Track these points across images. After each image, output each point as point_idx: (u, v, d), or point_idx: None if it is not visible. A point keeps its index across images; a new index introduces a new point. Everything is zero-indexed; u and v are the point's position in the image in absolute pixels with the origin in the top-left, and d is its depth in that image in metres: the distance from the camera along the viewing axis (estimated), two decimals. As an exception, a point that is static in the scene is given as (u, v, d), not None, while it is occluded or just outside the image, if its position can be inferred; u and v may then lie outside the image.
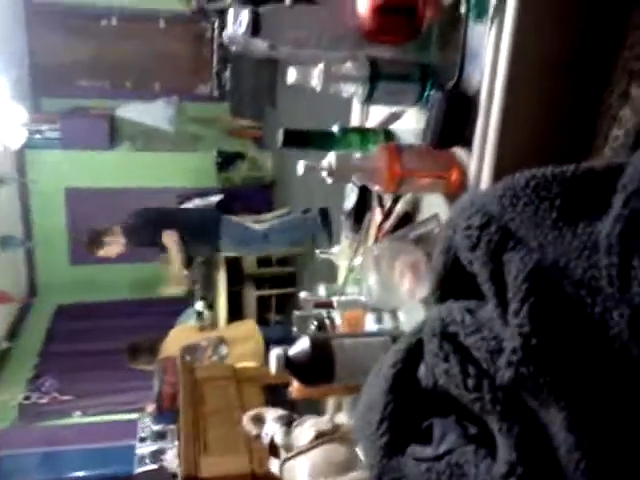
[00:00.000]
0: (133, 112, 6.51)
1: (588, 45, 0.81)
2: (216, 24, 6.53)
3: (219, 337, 3.76)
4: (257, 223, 4.55)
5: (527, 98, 0.84)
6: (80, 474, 3.64)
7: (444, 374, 0.55)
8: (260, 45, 1.12)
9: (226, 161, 6.36)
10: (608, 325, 0.46)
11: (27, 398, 4.58)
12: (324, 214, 4.15)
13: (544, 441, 0.48)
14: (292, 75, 1.01)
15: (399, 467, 0.57)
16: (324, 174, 0.91)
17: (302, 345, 0.95)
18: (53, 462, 3.76)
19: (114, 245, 4.03)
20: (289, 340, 1.02)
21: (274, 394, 3.25)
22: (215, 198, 5.89)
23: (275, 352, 0.95)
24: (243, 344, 3.71)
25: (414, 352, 0.63)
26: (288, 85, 1.05)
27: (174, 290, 4.63)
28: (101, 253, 4.07)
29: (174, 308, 5.58)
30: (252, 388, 3.13)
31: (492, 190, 0.57)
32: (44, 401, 4.54)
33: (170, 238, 4.00)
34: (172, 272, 4.26)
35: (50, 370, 5.09)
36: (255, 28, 0.98)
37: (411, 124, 1.12)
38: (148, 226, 4.02)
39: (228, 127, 7.08)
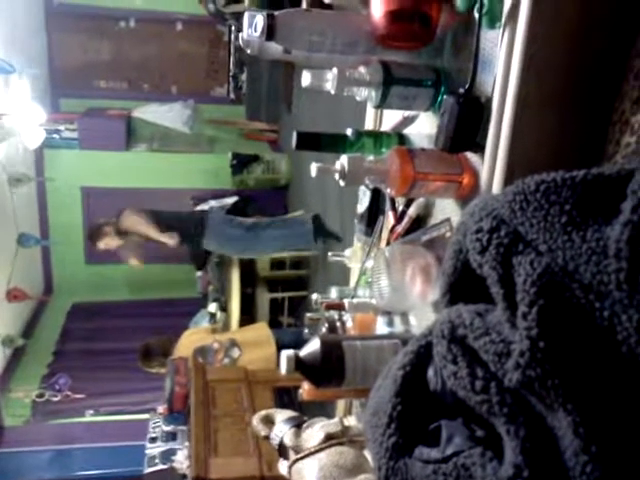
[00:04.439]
0: (150, 113, 6.59)
1: (600, 52, 0.81)
2: (233, 27, 6.57)
3: (231, 339, 3.77)
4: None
5: (539, 104, 0.84)
6: (91, 473, 3.66)
7: (452, 376, 0.55)
8: (275, 49, 1.14)
9: (241, 163, 6.40)
10: (616, 329, 0.46)
11: (41, 396, 4.62)
12: (316, 221, 4.16)
13: (551, 444, 0.48)
14: (306, 78, 1.02)
15: (406, 469, 0.58)
16: (337, 176, 0.92)
17: (313, 346, 0.95)
18: (64, 460, 3.78)
19: (113, 237, 4.05)
20: (301, 344, 1.03)
21: (285, 397, 3.26)
22: (230, 200, 5.92)
23: (286, 353, 0.95)
24: (256, 349, 3.71)
25: (423, 355, 0.63)
26: (304, 89, 1.06)
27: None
28: (101, 246, 4.10)
29: (188, 309, 5.62)
30: (263, 391, 3.14)
31: (502, 194, 0.57)
32: (57, 399, 4.57)
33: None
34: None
35: (64, 368, 5.13)
36: (270, 32, 0.98)
37: (424, 128, 1.13)
38: None
39: (244, 130, 7.12)
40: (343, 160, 0.92)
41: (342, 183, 0.92)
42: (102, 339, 5.81)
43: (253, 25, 1.01)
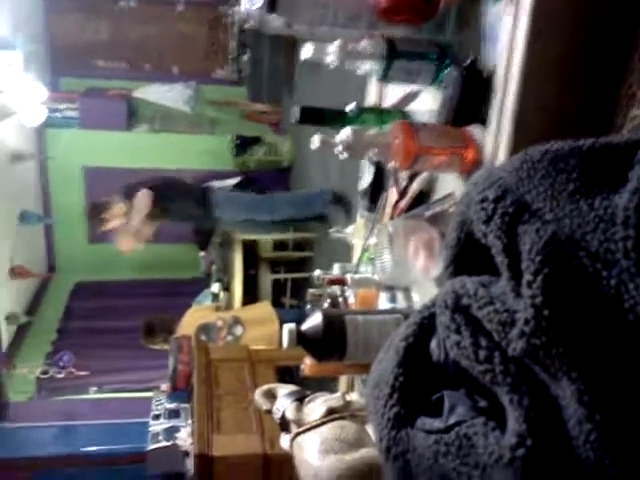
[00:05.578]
0: (151, 94, 6.55)
1: (607, 25, 0.79)
2: (235, 8, 6.50)
3: (235, 317, 3.78)
4: None
5: (544, 78, 0.83)
6: (95, 449, 3.69)
7: (455, 346, 0.55)
8: (276, 22, 1.12)
9: (243, 145, 6.37)
10: (622, 298, 0.45)
11: (45, 372, 4.65)
12: (338, 198, 4.12)
13: (554, 413, 0.48)
14: (308, 51, 1.00)
15: (408, 439, 0.57)
16: (339, 149, 0.91)
17: (315, 320, 0.95)
18: (68, 436, 3.82)
19: (113, 220, 3.94)
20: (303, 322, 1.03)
21: (287, 376, 3.27)
22: (232, 181, 5.90)
23: (288, 327, 0.95)
24: (259, 327, 3.72)
25: (426, 326, 0.63)
26: (306, 72, 1.06)
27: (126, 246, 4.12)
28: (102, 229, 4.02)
29: (191, 289, 5.63)
30: (265, 369, 3.15)
31: (508, 163, 0.57)
32: (61, 376, 4.61)
33: (144, 196, 3.86)
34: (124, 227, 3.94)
35: (68, 346, 5.16)
36: (272, 4, 0.97)
37: (427, 105, 1.11)
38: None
39: (245, 111, 7.08)
40: (346, 132, 0.91)
41: (344, 155, 0.91)
42: (106, 318, 5.83)
43: (255, -4, 1.00)
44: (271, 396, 1.14)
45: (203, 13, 7.09)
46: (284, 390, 1.14)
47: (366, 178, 1.29)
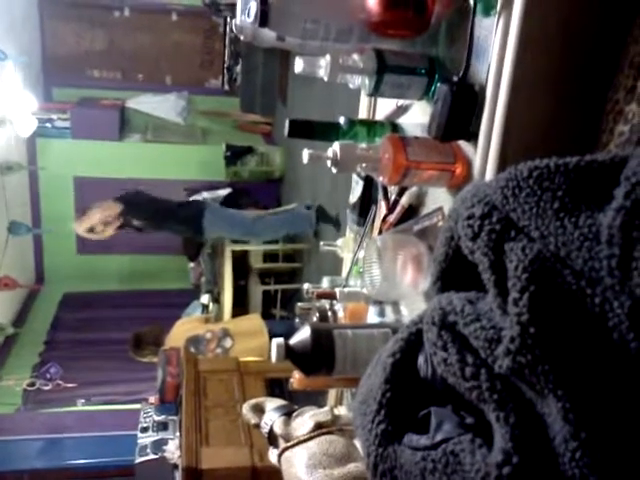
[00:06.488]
0: (144, 104, 6.56)
1: (595, 40, 0.80)
2: (228, 18, 6.53)
3: (224, 329, 3.76)
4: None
5: (533, 93, 0.83)
6: (82, 462, 3.65)
7: (442, 363, 0.55)
8: (269, 36, 1.13)
9: (235, 155, 6.37)
10: (607, 316, 0.45)
11: (32, 384, 4.60)
12: (322, 214, 4.17)
13: (540, 431, 0.48)
14: (299, 65, 1.01)
15: (395, 455, 0.57)
16: (329, 163, 0.91)
17: (303, 334, 0.95)
18: (55, 449, 3.78)
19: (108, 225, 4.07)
20: (293, 335, 1.03)
21: (276, 389, 3.26)
22: (223, 192, 5.90)
23: (276, 341, 0.95)
24: (248, 339, 3.70)
25: (413, 342, 0.63)
26: (299, 82, 1.06)
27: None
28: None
29: (180, 300, 5.61)
30: (255, 382, 3.13)
31: (495, 180, 0.57)
32: (48, 388, 4.56)
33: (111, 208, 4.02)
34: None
35: (55, 357, 5.11)
36: (264, 18, 0.97)
37: (418, 118, 1.12)
38: (137, 209, 4.13)
39: (238, 122, 7.09)
40: (335, 147, 0.91)
41: (334, 170, 0.91)
42: (94, 329, 5.79)
43: (247, 10, 1.00)
44: (259, 410, 1.14)
45: (198, 23, 7.11)
46: (272, 404, 1.13)
47: (356, 192, 1.29)
